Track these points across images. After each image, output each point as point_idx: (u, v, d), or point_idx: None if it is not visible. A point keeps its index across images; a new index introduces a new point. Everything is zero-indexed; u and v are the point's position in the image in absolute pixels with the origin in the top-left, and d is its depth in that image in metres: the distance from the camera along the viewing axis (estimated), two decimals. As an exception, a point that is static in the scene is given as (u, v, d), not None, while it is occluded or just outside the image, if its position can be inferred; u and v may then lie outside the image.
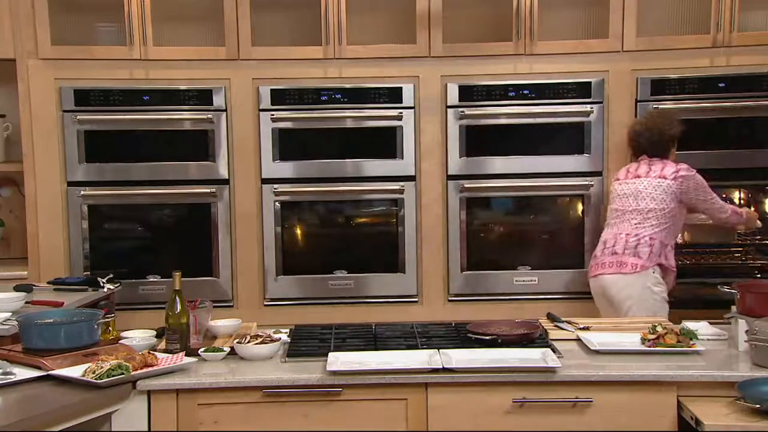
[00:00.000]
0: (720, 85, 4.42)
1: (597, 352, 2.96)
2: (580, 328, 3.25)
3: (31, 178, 4.44)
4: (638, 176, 4.08)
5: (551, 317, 3.42)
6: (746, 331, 2.89)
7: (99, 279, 3.99)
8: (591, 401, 2.76)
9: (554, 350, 2.95)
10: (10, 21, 4.38)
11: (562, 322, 3.34)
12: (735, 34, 4.39)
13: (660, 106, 4.40)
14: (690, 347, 2.96)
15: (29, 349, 2.83)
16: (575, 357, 2.95)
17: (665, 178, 4.00)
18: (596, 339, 3.06)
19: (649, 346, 2.97)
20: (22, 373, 2.72)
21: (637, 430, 2.77)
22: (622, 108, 4.46)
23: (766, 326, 2.80)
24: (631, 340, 3.05)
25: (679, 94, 4.44)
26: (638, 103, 4.45)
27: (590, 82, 4.44)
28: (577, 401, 2.77)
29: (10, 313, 3.31)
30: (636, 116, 4.43)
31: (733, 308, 3.07)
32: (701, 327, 3.16)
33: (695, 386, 2.76)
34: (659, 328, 3.02)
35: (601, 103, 4.45)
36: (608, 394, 2.77)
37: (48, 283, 4.00)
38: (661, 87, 4.44)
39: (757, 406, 2.56)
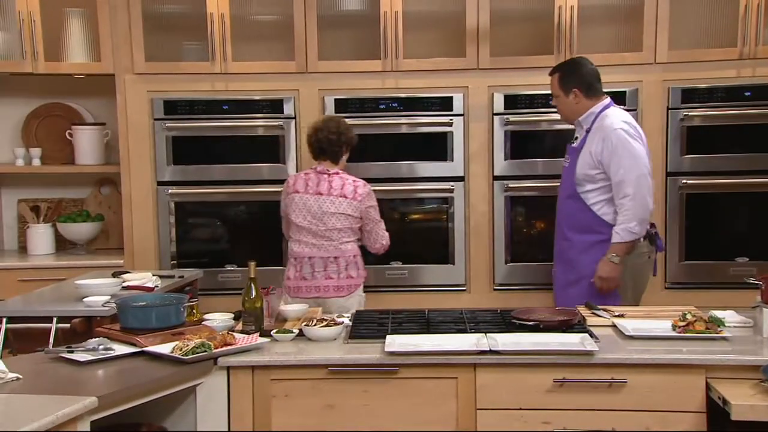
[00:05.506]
0: (746, 94, 4.30)
1: (631, 337, 2.91)
2: (616, 316, 3.19)
3: (126, 178, 4.52)
4: (320, 193, 3.76)
5: (589, 305, 3.36)
6: (771, 320, 2.81)
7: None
8: (626, 382, 2.72)
9: (592, 335, 2.91)
10: (111, 42, 4.47)
11: (599, 309, 3.29)
12: (760, 47, 4.27)
13: (689, 114, 4.30)
14: (718, 333, 2.89)
15: (125, 328, 2.90)
16: (611, 342, 2.90)
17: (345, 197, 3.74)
18: (630, 325, 3.01)
19: (680, 332, 2.91)
20: (119, 349, 2.78)
21: (669, 409, 2.71)
22: (655, 115, 4.36)
23: (790, 316, 2.72)
24: (663, 327, 2.98)
25: (708, 102, 4.33)
26: (669, 111, 4.35)
27: (625, 92, 4.35)
28: (612, 381, 2.72)
29: (109, 297, 3.39)
30: (667, 123, 4.34)
31: (758, 297, 2.99)
32: (728, 315, 3.08)
33: (722, 369, 2.69)
34: (689, 316, 2.95)
35: (635, 110, 4.36)
36: (641, 376, 2.72)
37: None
38: (690, 96, 4.33)
39: (781, 388, 2.50)
